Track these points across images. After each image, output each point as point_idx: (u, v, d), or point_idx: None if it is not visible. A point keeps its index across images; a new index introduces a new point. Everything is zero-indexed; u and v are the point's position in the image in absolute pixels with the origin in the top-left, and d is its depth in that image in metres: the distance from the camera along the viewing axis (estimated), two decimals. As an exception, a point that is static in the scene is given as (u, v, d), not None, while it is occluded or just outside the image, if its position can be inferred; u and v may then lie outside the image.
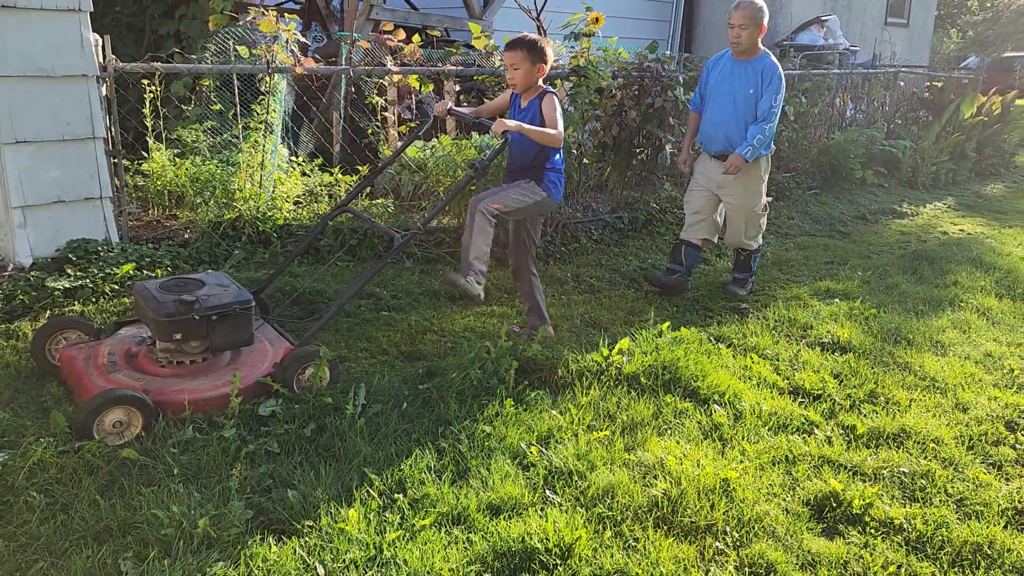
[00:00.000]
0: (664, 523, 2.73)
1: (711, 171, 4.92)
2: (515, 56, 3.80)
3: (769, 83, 4.61)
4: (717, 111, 4.79)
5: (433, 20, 8.06)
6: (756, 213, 4.96)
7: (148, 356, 3.25)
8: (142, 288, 3.24)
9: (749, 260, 5.16)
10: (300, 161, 5.58)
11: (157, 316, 3.08)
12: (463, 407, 3.34)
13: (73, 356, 3.24)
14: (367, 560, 2.43)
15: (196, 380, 3.17)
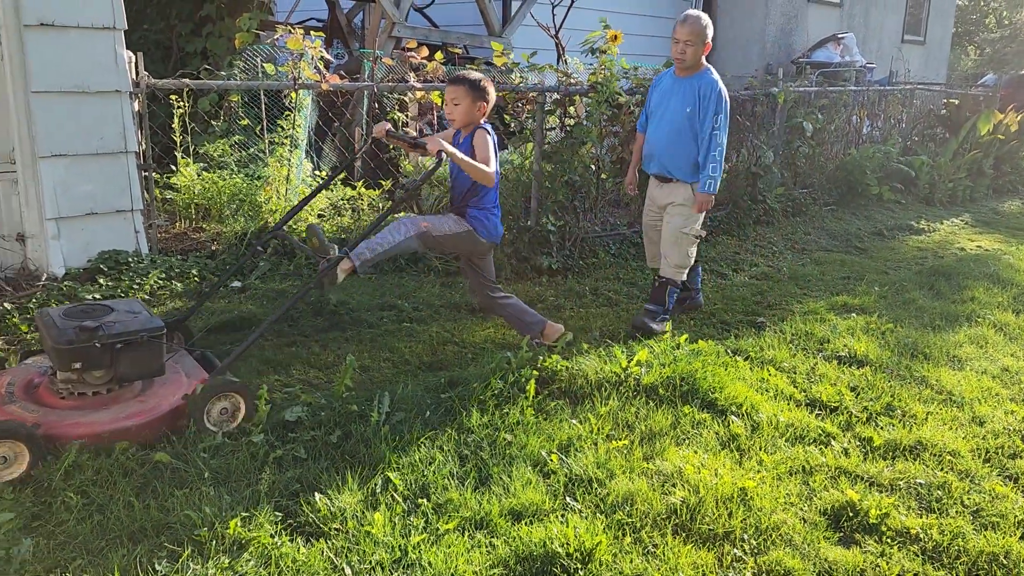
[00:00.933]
0: (683, 530, 2.78)
1: (654, 193, 4.72)
2: (457, 91, 3.77)
3: (708, 102, 4.36)
4: (654, 131, 4.60)
5: (453, 38, 8.19)
6: (686, 237, 4.59)
7: (49, 387, 3.05)
8: (44, 315, 3.05)
9: (664, 291, 4.66)
10: (323, 175, 5.69)
11: (56, 344, 2.89)
12: (484, 416, 3.41)
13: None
14: (392, 562, 2.49)
15: (96, 413, 2.98)
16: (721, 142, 4.39)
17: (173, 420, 3.07)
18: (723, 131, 4.40)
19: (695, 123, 4.40)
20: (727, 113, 4.43)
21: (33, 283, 4.23)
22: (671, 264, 4.66)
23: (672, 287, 4.68)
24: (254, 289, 4.61)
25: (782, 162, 7.93)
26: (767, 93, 7.44)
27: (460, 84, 3.78)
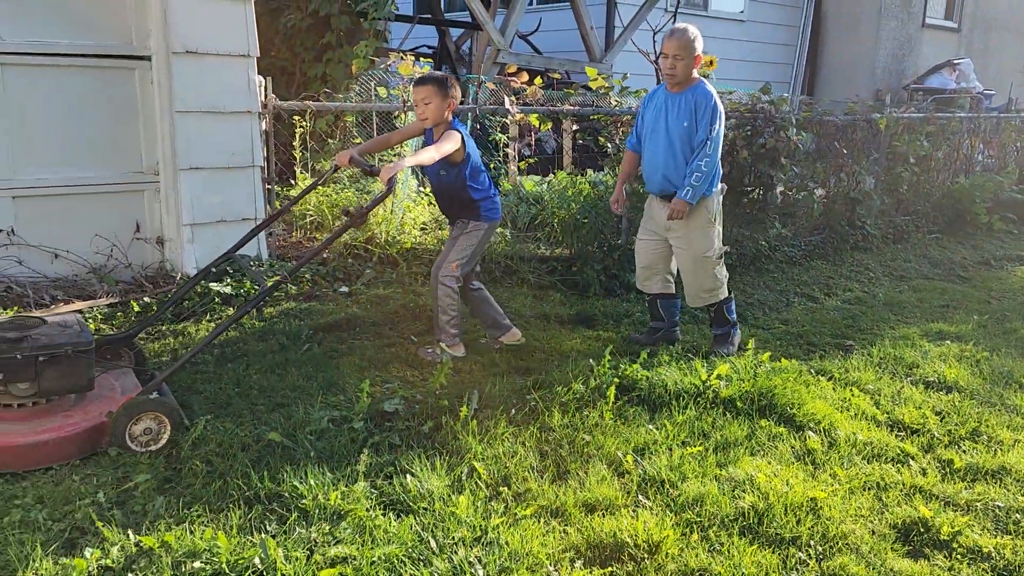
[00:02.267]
0: (749, 532, 2.90)
1: (656, 213, 4.54)
2: (426, 91, 3.92)
3: (703, 114, 4.24)
4: (653, 149, 4.43)
5: (555, 63, 8.50)
6: (709, 260, 4.45)
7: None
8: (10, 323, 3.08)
9: (722, 312, 4.60)
10: (428, 191, 6.06)
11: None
12: (565, 417, 3.62)
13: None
14: (473, 539, 2.73)
15: (13, 425, 3.00)
16: (711, 153, 4.25)
17: (95, 437, 3.07)
18: (716, 143, 4.28)
19: (693, 136, 4.28)
20: (722, 125, 4.34)
21: (169, 281, 4.74)
22: (704, 290, 4.53)
23: (725, 304, 4.59)
24: (360, 294, 4.99)
25: (883, 188, 7.83)
26: (868, 119, 7.39)
27: (428, 84, 3.96)
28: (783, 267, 6.62)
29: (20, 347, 2.95)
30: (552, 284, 5.63)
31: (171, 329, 4.35)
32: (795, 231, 7.10)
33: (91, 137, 4.64)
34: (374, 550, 2.60)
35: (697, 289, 4.53)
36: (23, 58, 4.38)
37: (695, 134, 4.27)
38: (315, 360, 4.15)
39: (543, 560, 2.64)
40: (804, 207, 7.03)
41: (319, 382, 3.90)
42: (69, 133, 4.55)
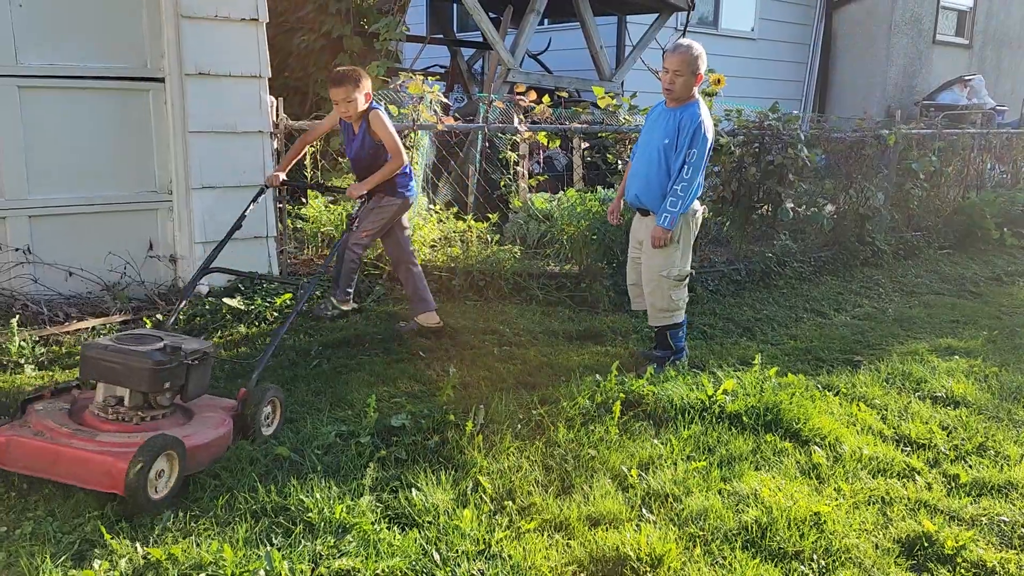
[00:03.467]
0: (752, 546, 2.91)
1: (635, 225, 4.53)
2: (345, 91, 4.21)
3: (685, 135, 4.14)
4: (636, 162, 4.45)
5: (565, 82, 8.58)
6: (666, 280, 4.35)
7: (101, 417, 3.04)
8: (102, 345, 3.05)
9: (664, 335, 4.51)
10: (437, 209, 6.13)
11: (147, 365, 2.96)
12: (571, 432, 3.64)
13: (21, 438, 2.88)
14: (477, 552, 2.76)
15: (184, 429, 3.09)
16: (688, 178, 4.15)
17: (235, 432, 3.26)
18: (695, 167, 4.16)
19: (671, 155, 4.19)
20: (705, 150, 4.19)
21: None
22: (656, 309, 4.43)
23: (672, 330, 4.49)
24: (368, 311, 5.04)
25: (893, 204, 7.82)
26: (876, 135, 7.40)
27: (346, 84, 4.23)
28: (792, 283, 6.62)
29: (179, 354, 3.06)
30: (561, 300, 5.67)
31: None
32: (805, 247, 7.10)
33: (106, 157, 4.74)
34: (378, 563, 2.63)
35: (652, 307, 4.46)
36: (40, 81, 4.50)
37: (673, 154, 4.19)
38: (324, 376, 4.20)
39: (546, 573, 2.66)
40: (814, 223, 7.04)
41: (327, 397, 3.94)
42: (84, 153, 4.64)
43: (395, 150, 4.36)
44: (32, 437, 2.86)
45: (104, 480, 2.77)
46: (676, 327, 4.52)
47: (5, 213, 4.50)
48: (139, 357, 2.98)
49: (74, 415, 3.06)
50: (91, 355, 3.03)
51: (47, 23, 4.48)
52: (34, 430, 2.91)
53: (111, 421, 3.03)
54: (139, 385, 3.01)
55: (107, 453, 2.82)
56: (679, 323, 4.53)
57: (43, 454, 2.83)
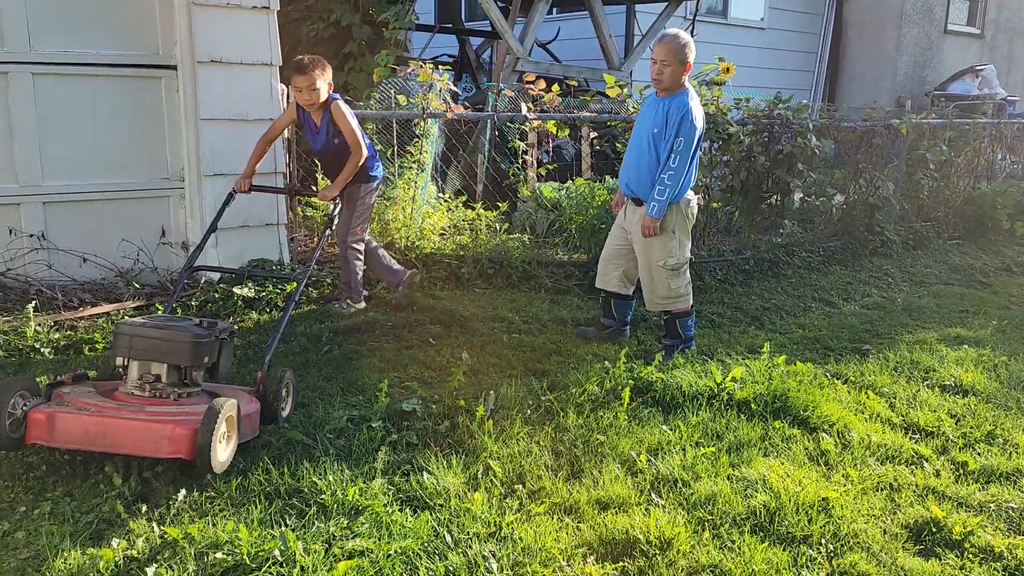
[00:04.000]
0: (761, 530, 2.93)
1: (629, 213, 4.53)
2: (310, 78, 4.26)
3: (672, 124, 4.17)
4: (628, 151, 4.49)
5: (573, 71, 8.57)
6: (662, 270, 4.39)
7: (138, 394, 3.06)
8: (139, 323, 3.10)
9: (675, 324, 4.53)
10: (447, 198, 6.15)
11: (188, 338, 3.04)
12: (580, 417, 3.67)
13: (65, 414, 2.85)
14: (488, 535, 2.79)
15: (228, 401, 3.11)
16: (675, 166, 4.17)
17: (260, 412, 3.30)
18: (683, 156, 4.18)
19: (660, 144, 4.23)
20: (692, 139, 4.20)
21: (193, 285, 4.85)
22: (657, 296, 4.48)
23: (680, 317, 4.52)
24: (378, 298, 5.07)
25: (903, 194, 7.80)
26: (887, 125, 7.38)
27: (312, 70, 4.28)
28: (801, 272, 6.62)
29: (217, 330, 3.15)
30: (570, 289, 5.69)
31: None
32: (814, 236, 7.10)
33: (118, 144, 4.77)
34: (391, 544, 2.66)
35: (651, 294, 4.51)
36: (53, 68, 4.52)
37: (662, 143, 4.22)
38: (335, 362, 4.23)
39: (556, 555, 2.69)
40: (823, 212, 7.03)
41: (339, 383, 3.98)
42: (97, 140, 4.67)
43: (356, 143, 4.40)
44: (77, 412, 2.85)
45: (167, 446, 2.81)
46: (685, 315, 4.54)
47: (20, 199, 4.54)
48: (180, 331, 3.04)
49: (104, 395, 3.06)
50: (129, 332, 3.05)
51: (61, 10, 4.50)
52: (76, 407, 2.89)
53: (150, 397, 3.04)
54: (180, 359, 3.05)
55: (166, 421, 2.85)
56: (687, 311, 4.54)
57: (93, 427, 2.81)
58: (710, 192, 6.28)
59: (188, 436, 2.80)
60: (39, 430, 2.82)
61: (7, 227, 4.51)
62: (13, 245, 4.54)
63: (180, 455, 2.81)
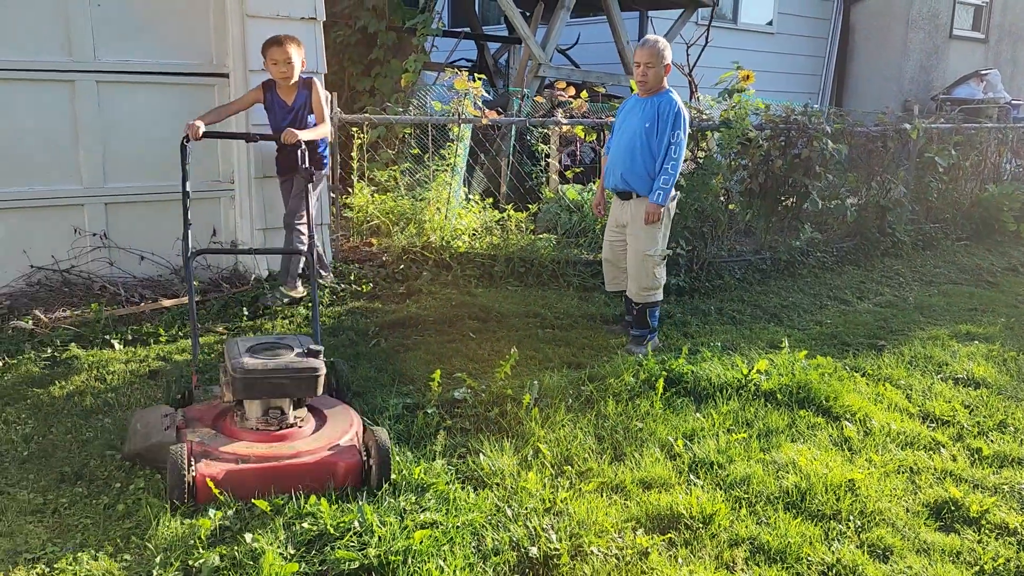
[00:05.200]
0: (793, 508, 3.19)
1: (616, 210, 4.85)
2: (286, 51, 4.49)
3: (667, 120, 4.52)
4: (616, 148, 4.74)
5: (593, 76, 8.82)
6: (651, 259, 4.70)
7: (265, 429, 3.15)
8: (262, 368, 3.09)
9: (644, 314, 4.82)
10: (476, 199, 6.41)
11: (314, 375, 3.12)
12: (619, 406, 3.92)
13: (233, 468, 2.97)
14: (544, 510, 3.04)
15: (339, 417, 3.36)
16: (676, 157, 4.52)
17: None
18: (680, 148, 4.54)
19: (653, 138, 4.55)
20: (685, 132, 4.58)
21: (243, 282, 5.10)
22: (640, 287, 4.75)
23: (651, 308, 4.81)
24: (419, 294, 5.33)
25: (913, 197, 8.06)
26: (898, 129, 7.63)
27: (290, 43, 4.51)
28: (816, 272, 6.88)
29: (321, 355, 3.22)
30: (596, 287, 5.93)
31: (250, 325, 4.71)
32: (828, 238, 7.35)
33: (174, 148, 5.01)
34: (457, 517, 2.92)
35: (638, 286, 4.76)
36: (116, 76, 4.78)
37: (655, 138, 4.55)
38: (383, 354, 4.49)
39: (608, 528, 2.94)
40: (836, 214, 7.28)
41: (389, 374, 4.23)
42: (154, 144, 4.93)
43: (325, 119, 4.70)
44: (239, 465, 2.95)
45: (344, 476, 3.04)
46: (655, 305, 4.84)
47: (84, 200, 4.80)
48: (306, 369, 3.10)
49: (228, 434, 3.13)
50: (255, 378, 3.06)
51: (123, 22, 4.76)
52: (234, 457, 2.98)
53: (280, 430, 3.14)
54: (306, 393, 3.16)
55: (329, 458, 3.04)
56: (658, 302, 4.86)
57: (266, 477, 2.94)
58: (729, 194, 6.53)
59: (357, 467, 3.07)
60: (208, 493, 2.88)
61: (72, 226, 4.77)
62: (78, 244, 4.80)
63: (353, 484, 3.06)
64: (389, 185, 6.37)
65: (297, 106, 4.68)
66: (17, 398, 3.74)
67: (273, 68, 4.56)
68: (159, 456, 3.04)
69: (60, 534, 2.77)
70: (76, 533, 2.77)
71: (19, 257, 4.67)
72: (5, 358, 4.06)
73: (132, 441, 3.21)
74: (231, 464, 2.95)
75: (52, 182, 4.71)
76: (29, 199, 4.67)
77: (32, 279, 4.67)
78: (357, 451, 3.10)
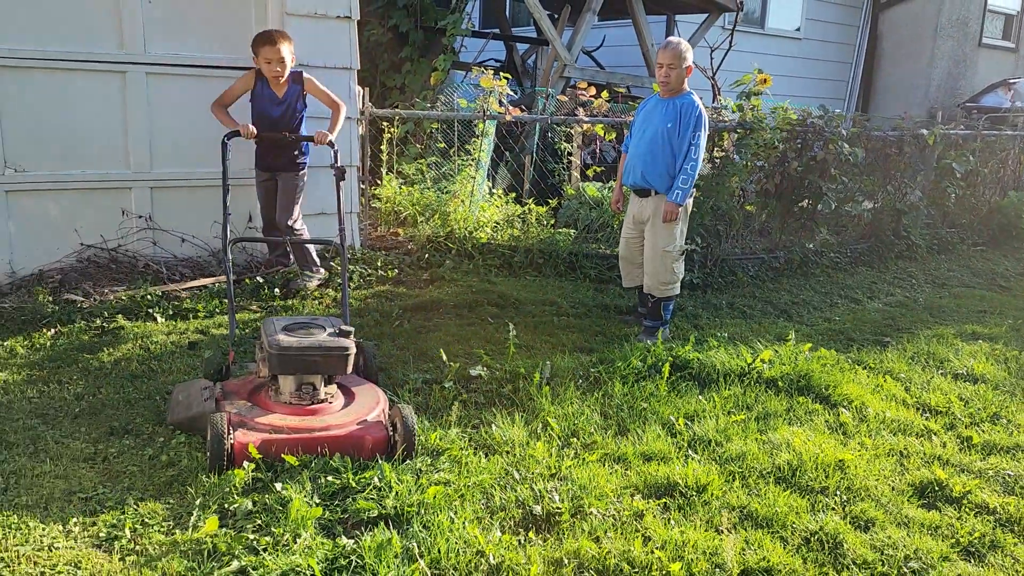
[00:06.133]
0: (784, 482, 3.40)
1: (633, 207, 5.06)
2: (278, 50, 4.62)
3: (688, 120, 4.72)
4: (636, 147, 4.93)
5: (617, 78, 9.04)
6: (669, 254, 4.90)
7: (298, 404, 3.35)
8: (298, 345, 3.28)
9: (658, 307, 5.02)
10: (500, 193, 6.67)
11: (345, 353, 3.32)
12: (625, 387, 4.15)
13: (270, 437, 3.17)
14: (549, 475, 3.29)
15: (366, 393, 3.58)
16: (696, 157, 4.73)
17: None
18: (700, 149, 4.75)
19: (674, 138, 4.75)
20: (705, 133, 4.81)
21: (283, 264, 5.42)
22: (659, 282, 4.95)
23: (666, 301, 5.02)
24: (441, 280, 5.60)
25: (930, 201, 8.18)
26: (915, 134, 7.77)
27: (283, 41, 4.65)
28: (829, 272, 7.04)
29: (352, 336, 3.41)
30: (612, 279, 6.16)
31: (281, 305, 5.00)
32: (842, 239, 7.51)
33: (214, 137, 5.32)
34: (469, 478, 3.18)
35: (656, 280, 4.96)
36: (163, 68, 5.10)
37: (676, 138, 4.75)
38: (406, 334, 4.76)
39: (608, 493, 3.18)
40: (852, 216, 7.44)
41: (411, 352, 4.50)
42: (196, 133, 5.24)
43: (336, 101, 4.86)
44: (274, 434, 3.16)
45: (371, 449, 3.23)
46: (670, 299, 5.05)
47: (131, 184, 5.13)
48: (337, 347, 3.30)
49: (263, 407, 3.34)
50: (290, 355, 3.25)
51: (171, 18, 5.08)
52: (269, 427, 3.19)
53: (312, 405, 3.34)
54: (338, 370, 3.35)
55: (360, 431, 3.25)
56: (675, 296, 5.06)
57: (298, 447, 3.15)
58: (745, 195, 6.72)
59: (383, 440, 3.26)
60: (245, 458, 3.08)
61: (120, 208, 5.11)
62: (124, 224, 5.13)
63: (380, 453, 3.25)
64: (416, 178, 6.65)
65: (288, 99, 4.87)
66: (69, 362, 4.06)
67: (266, 67, 4.71)
68: (199, 425, 3.27)
69: (109, 479, 3.06)
70: (124, 478, 3.07)
71: (71, 235, 5.01)
72: (58, 327, 4.40)
73: (174, 411, 3.45)
74: (266, 434, 3.14)
75: (103, 166, 5.05)
76: (82, 181, 5.00)
77: (82, 256, 5.00)
78: (384, 426, 3.28)
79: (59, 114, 4.89)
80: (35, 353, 4.14)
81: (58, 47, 4.82)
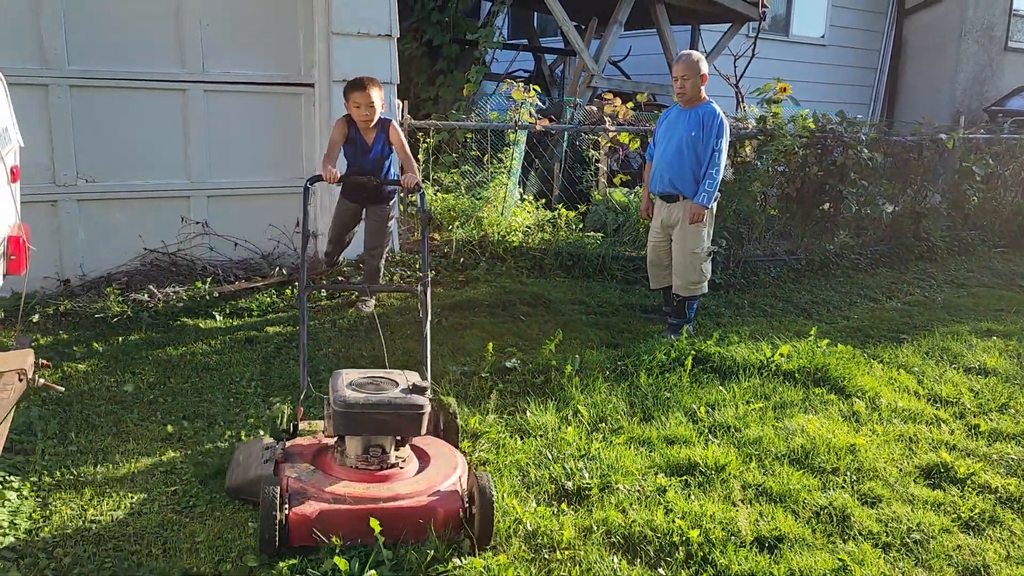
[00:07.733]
0: (797, 463, 3.67)
1: (661, 212, 5.27)
2: (369, 96, 4.53)
3: (711, 128, 4.96)
4: (662, 155, 5.16)
5: (643, 87, 9.33)
6: (698, 256, 5.12)
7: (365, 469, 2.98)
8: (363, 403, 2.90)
9: (683, 305, 5.25)
10: (530, 199, 6.99)
11: (418, 413, 2.93)
12: (650, 378, 4.45)
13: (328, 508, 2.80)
14: (579, 456, 3.59)
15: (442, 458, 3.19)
16: (719, 163, 4.98)
17: None
18: (722, 154, 5.00)
19: (699, 145, 5.01)
20: (727, 139, 5.06)
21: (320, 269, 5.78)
22: (688, 282, 5.17)
23: (691, 300, 5.26)
24: (476, 281, 5.93)
25: (951, 204, 8.36)
26: (934, 139, 7.97)
27: (375, 86, 4.56)
28: (849, 272, 7.26)
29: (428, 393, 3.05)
30: (638, 280, 6.45)
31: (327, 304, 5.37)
32: (862, 241, 7.72)
33: (265, 148, 5.74)
34: (506, 457, 3.50)
35: (685, 280, 5.18)
36: (219, 85, 5.51)
37: (701, 144, 5.01)
38: (444, 330, 5.08)
39: (633, 471, 3.48)
40: (872, 219, 7.65)
41: (449, 347, 4.83)
42: (248, 145, 5.64)
43: (411, 157, 4.73)
44: (334, 505, 2.81)
45: (443, 522, 2.85)
46: (695, 298, 5.29)
47: (191, 192, 5.54)
48: (408, 406, 2.93)
49: (323, 469, 3.02)
50: (355, 413, 2.90)
51: (227, 39, 5.49)
52: (329, 497, 2.84)
53: (381, 470, 2.98)
54: (410, 432, 3.01)
55: (430, 502, 2.87)
56: (700, 295, 5.30)
57: (361, 519, 2.74)
58: (767, 199, 6.98)
59: (456, 513, 2.88)
60: (301, 535, 2.75)
61: (180, 215, 5.52)
62: (183, 231, 5.54)
63: (453, 527, 2.88)
64: (451, 185, 6.99)
65: (378, 145, 4.82)
66: (140, 356, 4.45)
67: (355, 111, 4.61)
68: (258, 490, 2.83)
69: (186, 457, 3.42)
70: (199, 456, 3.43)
71: (135, 241, 5.42)
72: (127, 324, 4.80)
73: (233, 474, 3.16)
74: (324, 504, 2.79)
75: (165, 177, 5.46)
76: (146, 191, 5.42)
77: (145, 260, 5.42)
78: (459, 497, 2.91)
79: (126, 129, 5.31)
80: (109, 347, 4.54)
81: (126, 68, 5.25)
